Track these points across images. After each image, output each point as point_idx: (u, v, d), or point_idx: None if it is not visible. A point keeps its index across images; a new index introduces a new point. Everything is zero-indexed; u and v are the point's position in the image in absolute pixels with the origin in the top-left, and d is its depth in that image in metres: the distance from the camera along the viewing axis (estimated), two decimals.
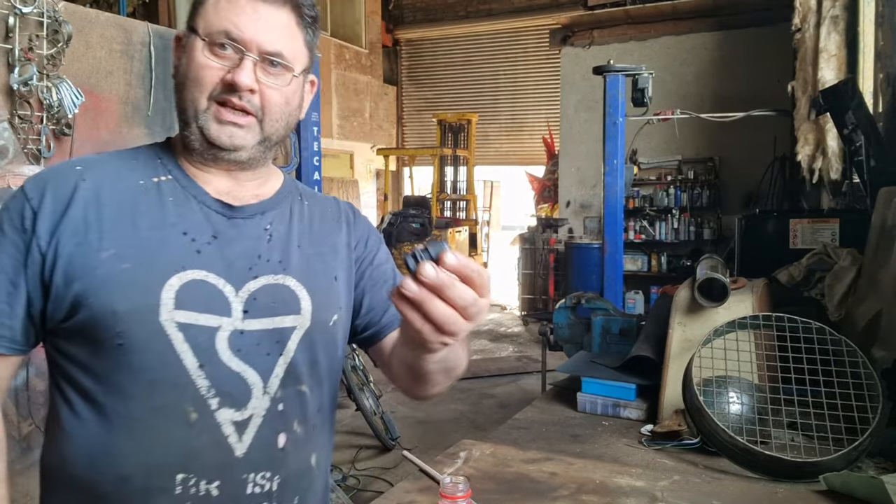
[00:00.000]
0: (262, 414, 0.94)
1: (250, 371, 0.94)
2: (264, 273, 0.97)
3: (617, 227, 4.37)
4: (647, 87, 4.38)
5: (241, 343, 0.93)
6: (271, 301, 0.96)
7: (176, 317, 0.90)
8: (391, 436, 4.47)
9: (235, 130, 0.94)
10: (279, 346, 0.96)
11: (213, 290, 0.93)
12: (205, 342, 0.91)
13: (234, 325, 0.93)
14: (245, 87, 0.92)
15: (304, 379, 0.99)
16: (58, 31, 2.54)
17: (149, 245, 0.92)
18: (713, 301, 2.12)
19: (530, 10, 11.99)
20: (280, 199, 1.04)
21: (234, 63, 0.93)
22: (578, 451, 1.85)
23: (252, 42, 0.93)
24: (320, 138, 4.56)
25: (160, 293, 0.89)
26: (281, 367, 0.96)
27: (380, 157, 11.61)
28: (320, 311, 0.99)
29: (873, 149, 3.24)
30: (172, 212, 0.95)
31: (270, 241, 0.99)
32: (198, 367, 0.90)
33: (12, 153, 2.42)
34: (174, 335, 0.90)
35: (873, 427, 1.67)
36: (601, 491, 1.54)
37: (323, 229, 1.06)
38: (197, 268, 0.92)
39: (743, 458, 1.71)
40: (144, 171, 0.98)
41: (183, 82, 0.95)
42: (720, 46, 7.97)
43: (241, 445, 0.92)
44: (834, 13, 4.32)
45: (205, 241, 0.94)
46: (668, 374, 2.11)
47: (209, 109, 0.94)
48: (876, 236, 2.35)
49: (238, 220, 0.98)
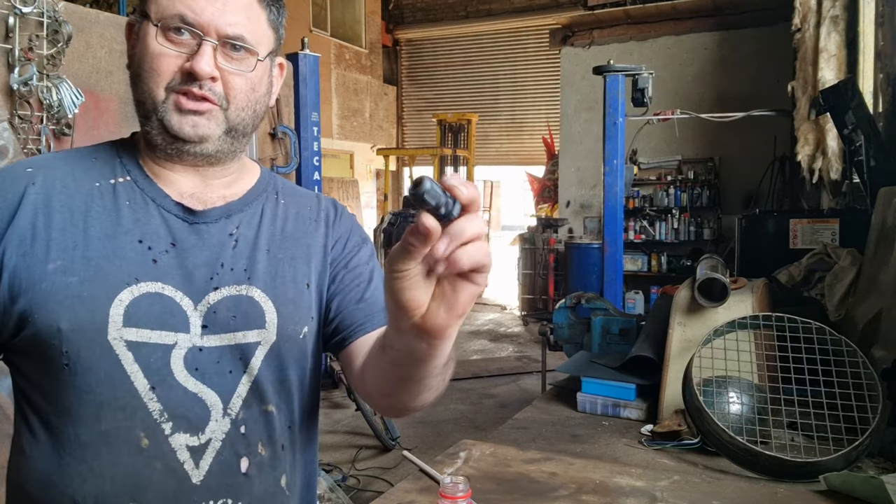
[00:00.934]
0: (221, 438, 0.87)
1: (209, 392, 0.86)
2: (226, 283, 0.89)
3: (617, 227, 4.37)
4: (647, 87, 4.39)
5: (200, 361, 0.86)
6: (233, 314, 0.88)
7: (125, 335, 0.83)
8: (391, 436, 4.47)
9: (198, 119, 0.87)
10: (242, 363, 0.88)
11: (168, 304, 0.85)
12: (157, 361, 0.84)
13: (191, 342, 0.86)
14: (205, 76, 0.85)
15: (271, 398, 0.91)
16: (58, 31, 2.55)
17: (99, 255, 0.84)
18: (713, 301, 2.12)
19: (530, 10, 12.00)
20: (251, 198, 0.96)
21: (191, 49, 0.85)
22: (578, 451, 1.85)
23: (210, 25, 0.85)
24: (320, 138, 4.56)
25: (108, 309, 0.82)
26: (244, 387, 0.89)
27: (380, 157, 11.61)
28: (288, 324, 0.91)
29: (873, 149, 3.24)
30: (128, 217, 0.87)
31: (236, 248, 0.91)
32: (149, 390, 0.84)
33: (12, 153, 2.42)
34: (123, 355, 0.83)
35: (873, 427, 1.67)
36: (601, 491, 1.54)
37: (298, 230, 0.97)
38: (152, 279, 0.85)
39: (743, 458, 1.71)
40: (101, 172, 0.90)
41: (138, 73, 0.87)
42: (720, 46, 7.97)
43: (197, 472, 0.85)
44: (834, 13, 4.32)
45: (162, 250, 0.87)
46: (668, 374, 2.11)
47: (168, 100, 0.86)
48: (876, 236, 2.35)
49: (200, 225, 0.90)
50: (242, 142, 0.93)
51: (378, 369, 0.85)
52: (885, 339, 2.03)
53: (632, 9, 8.33)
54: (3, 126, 2.41)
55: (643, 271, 8.29)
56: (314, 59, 4.54)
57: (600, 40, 8.56)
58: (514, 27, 12.47)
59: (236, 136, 0.91)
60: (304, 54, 4.48)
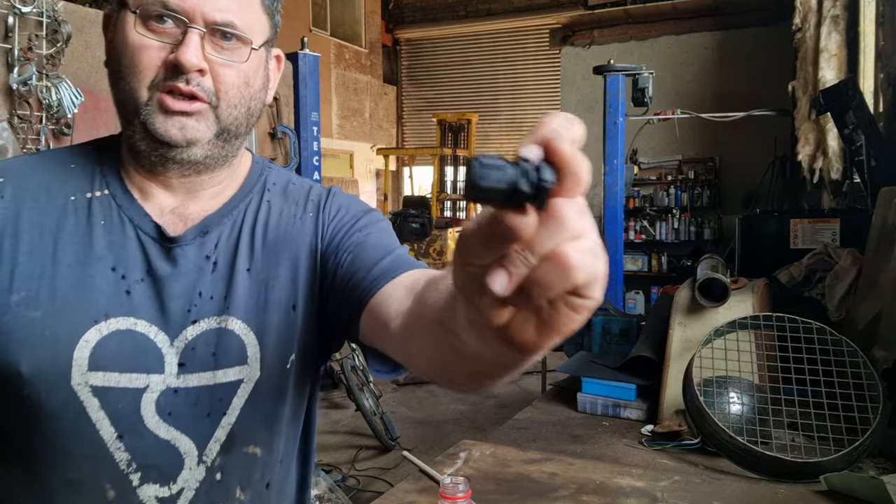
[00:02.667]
0: (194, 487, 0.79)
1: (183, 438, 0.78)
2: (205, 315, 0.79)
3: (617, 227, 4.37)
4: (648, 87, 4.39)
5: (174, 404, 0.78)
6: (212, 351, 0.79)
7: (90, 380, 0.74)
8: (391, 436, 4.47)
9: (186, 121, 0.76)
10: (222, 404, 0.79)
11: (141, 342, 0.77)
12: (126, 408, 0.76)
13: (165, 384, 0.77)
14: (192, 68, 0.74)
15: (255, 438, 0.82)
16: (57, 31, 2.54)
17: (67, 286, 0.75)
18: (713, 301, 2.12)
19: (530, 10, 11.99)
20: (231, 206, 0.85)
21: (175, 39, 0.74)
22: (578, 452, 1.85)
23: (196, 11, 0.74)
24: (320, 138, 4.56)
25: (72, 352, 0.74)
26: (222, 430, 0.80)
27: (380, 156, 11.61)
28: (272, 357, 0.81)
29: (874, 149, 3.24)
30: (101, 240, 0.78)
31: (215, 271, 0.81)
32: (116, 438, 0.76)
33: (12, 153, 2.41)
34: (88, 402, 0.75)
35: (874, 427, 1.67)
36: (601, 491, 1.53)
37: (281, 236, 0.85)
38: (124, 314, 0.76)
39: (743, 459, 1.71)
40: (78, 183, 0.81)
41: (117, 70, 0.77)
42: (720, 46, 7.97)
43: None
44: (834, 13, 4.32)
45: (137, 279, 0.78)
46: (668, 375, 2.11)
47: (152, 100, 0.75)
48: (876, 236, 2.35)
49: (176, 249, 0.80)
50: (235, 145, 0.82)
51: (435, 352, 0.58)
52: (885, 340, 2.03)
53: (632, 8, 8.34)
54: (3, 126, 2.41)
55: (643, 271, 8.29)
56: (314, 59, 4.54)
57: (600, 40, 8.57)
58: (514, 27, 12.47)
59: (228, 138, 0.80)
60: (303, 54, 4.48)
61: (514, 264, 0.37)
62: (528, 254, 0.37)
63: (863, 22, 4.23)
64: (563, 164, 0.37)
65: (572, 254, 0.37)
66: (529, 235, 0.37)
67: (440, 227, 10.13)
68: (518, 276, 0.37)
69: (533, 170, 0.36)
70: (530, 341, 0.41)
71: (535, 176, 0.36)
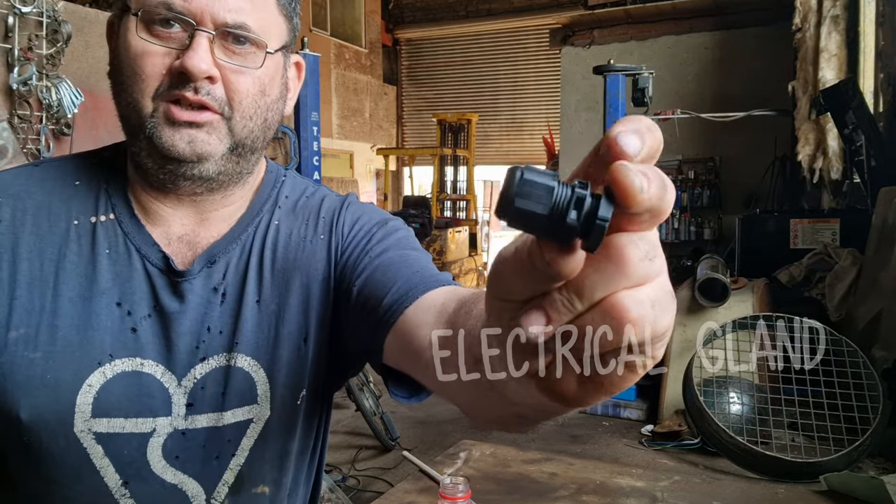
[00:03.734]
0: None
1: (190, 482, 0.74)
2: (213, 352, 0.75)
3: None
4: (648, 87, 4.39)
5: (182, 447, 0.74)
6: (221, 390, 0.74)
7: (94, 426, 0.70)
8: (391, 436, 4.47)
9: (195, 133, 0.69)
10: (231, 445, 0.75)
11: (147, 384, 0.72)
12: (132, 453, 0.72)
13: (173, 426, 0.73)
14: (200, 75, 0.67)
15: (265, 478, 0.78)
16: (57, 31, 2.54)
17: (69, 325, 0.70)
18: (713, 301, 2.12)
19: (530, 10, 12.00)
20: (239, 230, 0.78)
21: (182, 44, 0.67)
22: (578, 452, 1.85)
23: (204, 12, 0.67)
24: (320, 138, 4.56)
25: (74, 398, 0.69)
26: (231, 472, 0.76)
27: (380, 156, 11.62)
28: (283, 394, 0.77)
29: (874, 149, 3.24)
30: (106, 272, 0.73)
31: (223, 304, 0.76)
32: (121, 485, 0.72)
33: (12, 153, 2.41)
34: (91, 448, 0.71)
35: (874, 427, 1.67)
36: (601, 491, 1.53)
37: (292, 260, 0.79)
38: (129, 355, 0.72)
39: (743, 459, 1.71)
40: (83, 205, 0.75)
41: (120, 80, 0.70)
42: (720, 46, 7.97)
43: None
44: (834, 13, 4.32)
45: (143, 315, 0.73)
46: (668, 374, 2.11)
47: (157, 112, 0.69)
48: (876, 236, 2.35)
49: (184, 283, 0.74)
50: (250, 160, 0.75)
51: (474, 389, 0.46)
52: (885, 340, 2.03)
53: (632, 8, 8.34)
54: (3, 126, 2.41)
55: None
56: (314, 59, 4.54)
57: (600, 40, 8.56)
58: (514, 27, 12.48)
59: (243, 153, 0.73)
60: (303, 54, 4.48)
61: (556, 308, 0.30)
62: (575, 297, 0.30)
63: (863, 22, 4.23)
64: (628, 199, 0.28)
65: (631, 305, 0.30)
66: (576, 276, 0.30)
67: (440, 227, 10.13)
68: (559, 322, 0.31)
69: (590, 197, 0.28)
70: (571, 395, 0.34)
71: (592, 207, 0.28)
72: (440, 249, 9.91)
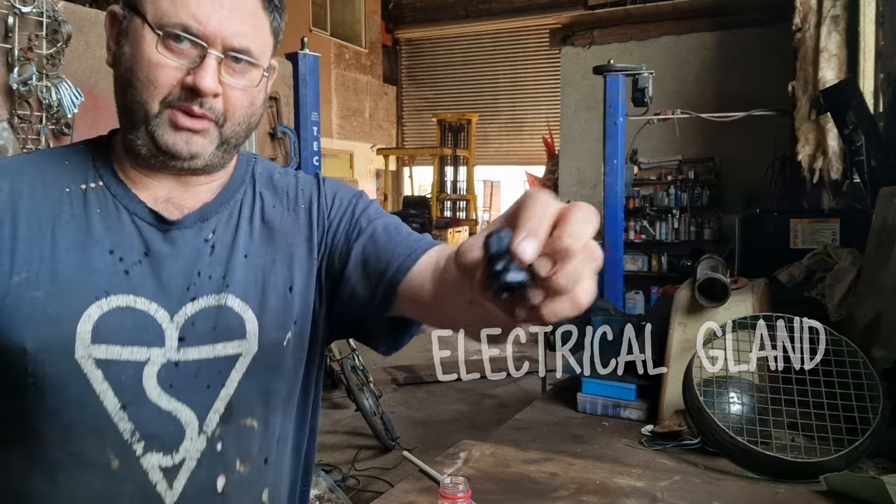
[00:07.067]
0: (196, 457, 0.83)
1: (184, 409, 0.82)
2: (203, 293, 0.83)
3: (617, 227, 4.37)
4: (648, 87, 4.39)
5: (175, 377, 0.81)
6: (212, 326, 0.83)
7: (94, 352, 0.78)
8: (391, 436, 4.47)
9: (193, 137, 0.80)
10: (220, 376, 0.84)
11: (142, 318, 0.80)
12: (129, 379, 0.79)
13: (166, 357, 0.81)
14: (209, 93, 0.78)
15: (253, 411, 0.86)
16: (57, 31, 2.54)
17: (67, 268, 0.79)
18: (713, 301, 2.12)
19: (530, 10, 12.00)
20: (227, 195, 0.89)
21: (193, 61, 0.78)
22: (578, 452, 1.85)
23: (216, 36, 0.78)
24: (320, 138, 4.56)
25: (75, 327, 0.77)
26: (221, 402, 0.84)
27: (380, 156, 11.62)
28: (270, 333, 0.86)
29: (874, 149, 3.24)
30: (98, 226, 0.82)
31: (213, 255, 0.85)
32: (119, 409, 0.79)
33: (12, 153, 2.41)
34: (92, 374, 0.78)
35: (874, 427, 1.67)
36: (601, 491, 1.53)
37: (277, 227, 0.90)
38: (123, 292, 0.80)
39: (743, 459, 1.71)
40: (72, 177, 0.84)
41: (129, 79, 0.79)
42: (720, 46, 7.97)
43: (171, 493, 0.82)
44: (834, 13, 4.32)
45: (134, 261, 0.82)
46: (668, 374, 2.11)
47: (162, 114, 0.79)
48: (876, 236, 2.35)
49: (174, 232, 0.84)
50: (232, 153, 0.87)
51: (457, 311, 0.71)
52: (885, 340, 2.03)
53: (632, 8, 8.34)
54: (3, 126, 2.41)
55: (643, 271, 8.28)
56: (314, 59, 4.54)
57: (600, 40, 8.56)
58: (514, 27, 12.48)
59: (228, 149, 0.85)
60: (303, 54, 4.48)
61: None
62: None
63: (863, 22, 4.23)
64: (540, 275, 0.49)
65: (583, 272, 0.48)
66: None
67: (440, 227, 10.13)
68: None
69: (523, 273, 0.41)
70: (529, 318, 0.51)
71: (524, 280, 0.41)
72: None
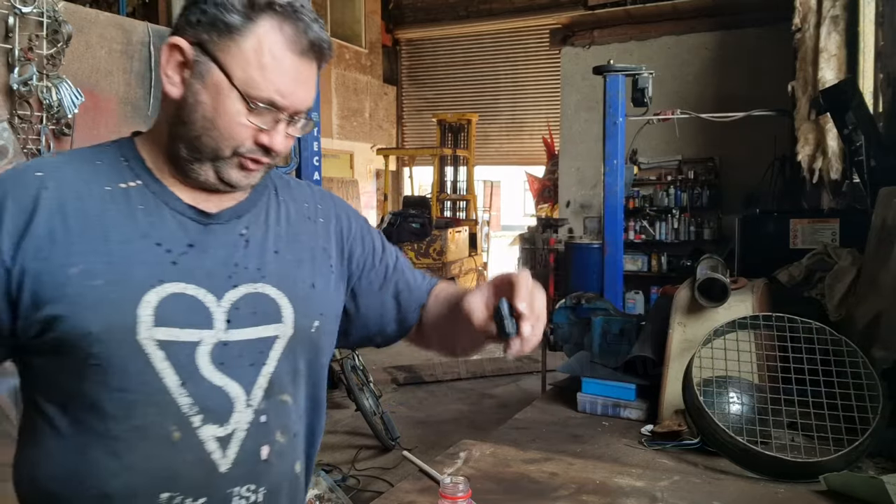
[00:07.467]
0: (245, 427, 0.91)
1: (232, 384, 0.91)
2: (243, 281, 0.93)
3: (617, 227, 4.37)
4: (648, 87, 4.38)
5: (224, 356, 0.90)
6: (253, 310, 0.93)
7: (155, 334, 0.86)
8: (391, 436, 4.47)
9: (252, 174, 0.94)
10: (262, 356, 0.93)
11: (193, 303, 0.89)
12: (185, 358, 0.88)
13: (216, 338, 0.90)
14: (282, 153, 0.93)
15: (286, 388, 0.96)
16: (57, 31, 2.54)
17: (121, 259, 0.87)
18: (713, 301, 2.12)
19: (530, 10, 11.99)
20: (255, 198, 1.00)
21: (267, 123, 0.90)
22: (578, 452, 1.85)
23: (291, 107, 0.91)
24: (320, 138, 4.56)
25: (136, 311, 0.85)
26: (264, 378, 0.93)
27: (380, 156, 11.61)
28: (302, 319, 0.97)
29: (873, 149, 3.24)
30: (143, 221, 0.90)
31: (247, 248, 0.96)
32: (179, 385, 0.87)
33: (12, 153, 2.41)
34: (153, 353, 0.86)
35: (873, 427, 1.67)
36: (601, 491, 1.54)
37: (300, 230, 1.03)
38: (174, 280, 0.88)
39: (743, 459, 1.71)
40: (110, 176, 0.92)
41: (203, 125, 0.89)
42: (720, 46, 7.97)
43: (225, 461, 0.90)
44: (834, 13, 4.32)
45: (180, 252, 0.90)
46: (668, 374, 2.11)
47: (232, 159, 0.91)
48: (876, 236, 2.35)
49: (213, 226, 0.94)
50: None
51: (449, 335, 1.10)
52: (885, 340, 2.03)
53: (632, 8, 8.34)
54: (3, 126, 2.41)
55: (643, 271, 8.28)
56: None
57: (600, 40, 8.56)
58: (514, 27, 12.47)
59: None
60: None
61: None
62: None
63: (862, 22, 4.23)
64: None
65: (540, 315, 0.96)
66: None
67: (440, 227, 10.12)
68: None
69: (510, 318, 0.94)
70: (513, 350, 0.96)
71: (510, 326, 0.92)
72: (440, 249, 9.90)
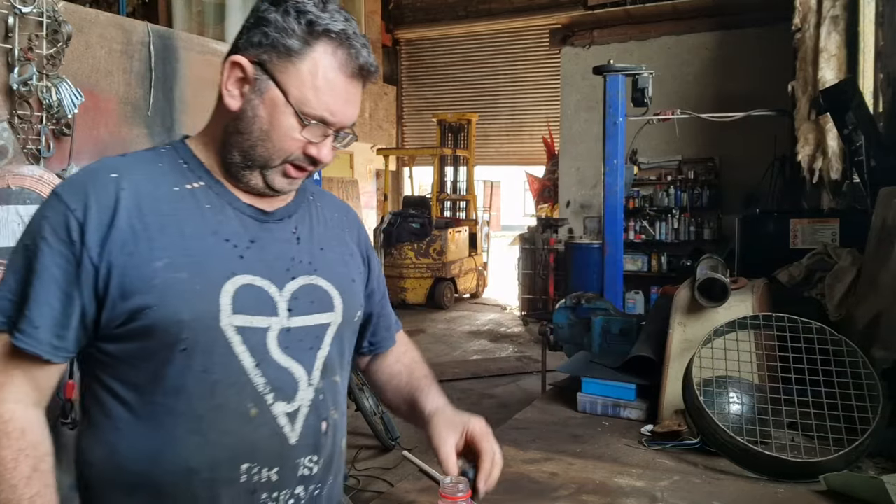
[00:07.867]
0: (308, 404, 1.03)
1: (296, 366, 1.02)
2: (300, 274, 1.05)
3: (617, 227, 4.37)
4: (648, 87, 4.38)
5: (288, 340, 1.02)
6: (310, 300, 1.05)
7: (234, 321, 0.97)
8: (391, 436, 4.47)
9: (296, 181, 1.04)
10: (318, 340, 1.05)
11: (260, 293, 1.00)
12: (258, 342, 0.99)
13: (281, 324, 1.01)
14: (328, 164, 1.02)
15: (336, 370, 1.09)
16: (57, 31, 2.54)
17: (198, 253, 0.97)
18: (713, 301, 2.12)
19: (530, 10, 11.99)
20: (300, 201, 1.12)
21: (316, 136, 1.00)
22: (578, 452, 1.85)
23: (339, 124, 1.01)
24: None
25: (219, 300, 0.96)
26: (320, 360, 1.05)
27: (380, 156, 11.61)
28: (349, 309, 1.10)
29: (873, 149, 3.24)
30: (211, 219, 1.00)
31: (299, 244, 1.07)
32: (255, 367, 0.98)
33: (12, 153, 2.41)
34: (233, 338, 0.97)
35: (873, 427, 1.67)
36: (601, 491, 1.54)
37: (337, 234, 1.16)
38: (244, 272, 0.99)
39: (743, 459, 1.71)
40: (174, 177, 1.01)
41: (261, 137, 0.98)
42: (720, 46, 7.97)
43: (293, 434, 1.02)
44: (834, 13, 4.32)
45: (245, 247, 1.01)
46: (668, 374, 2.11)
47: (279, 166, 1.01)
48: (876, 236, 2.34)
49: (269, 223, 1.05)
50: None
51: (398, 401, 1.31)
52: (885, 340, 2.03)
53: (632, 8, 8.34)
54: (3, 126, 2.41)
55: (643, 271, 8.28)
56: None
57: (600, 40, 8.57)
58: (514, 27, 12.47)
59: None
60: None
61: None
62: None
63: (862, 22, 4.22)
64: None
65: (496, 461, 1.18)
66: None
67: (440, 227, 10.12)
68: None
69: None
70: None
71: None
72: (440, 249, 9.90)
